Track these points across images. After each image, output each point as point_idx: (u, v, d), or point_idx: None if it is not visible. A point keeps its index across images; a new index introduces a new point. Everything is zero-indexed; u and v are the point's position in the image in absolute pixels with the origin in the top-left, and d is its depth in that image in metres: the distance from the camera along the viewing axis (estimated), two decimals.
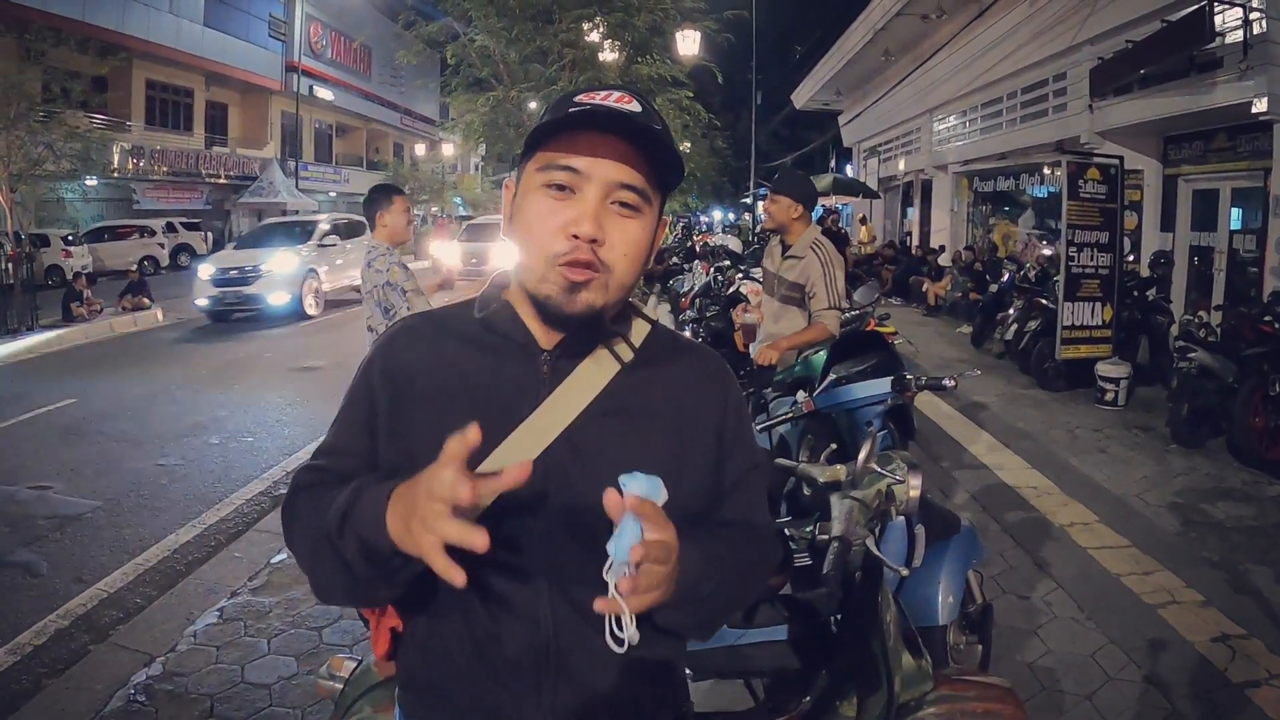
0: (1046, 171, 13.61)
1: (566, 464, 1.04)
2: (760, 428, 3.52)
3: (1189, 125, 9.73)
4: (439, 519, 0.83)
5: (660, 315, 11.50)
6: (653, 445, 1.09)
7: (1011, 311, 9.64)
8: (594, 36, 14.28)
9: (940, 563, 2.39)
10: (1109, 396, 7.53)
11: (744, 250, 14.20)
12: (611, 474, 1.00)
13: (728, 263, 9.96)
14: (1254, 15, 7.97)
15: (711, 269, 9.72)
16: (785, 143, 38.32)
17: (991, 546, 4.24)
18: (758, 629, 1.94)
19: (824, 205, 22.00)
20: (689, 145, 22.55)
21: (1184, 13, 8.61)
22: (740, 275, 8.20)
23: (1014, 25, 12.91)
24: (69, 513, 5.15)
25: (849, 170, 26.73)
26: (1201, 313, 7.85)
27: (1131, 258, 10.12)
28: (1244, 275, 9.27)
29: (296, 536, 1.08)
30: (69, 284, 15.01)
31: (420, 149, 42.46)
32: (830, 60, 21.85)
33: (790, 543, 2.06)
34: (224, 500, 5.37)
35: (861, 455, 1.84)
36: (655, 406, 1.11)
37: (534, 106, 14.80)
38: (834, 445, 2.31)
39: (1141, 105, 10.00)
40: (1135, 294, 8.91)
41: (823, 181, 18.69)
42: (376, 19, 32.39)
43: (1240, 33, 8.13)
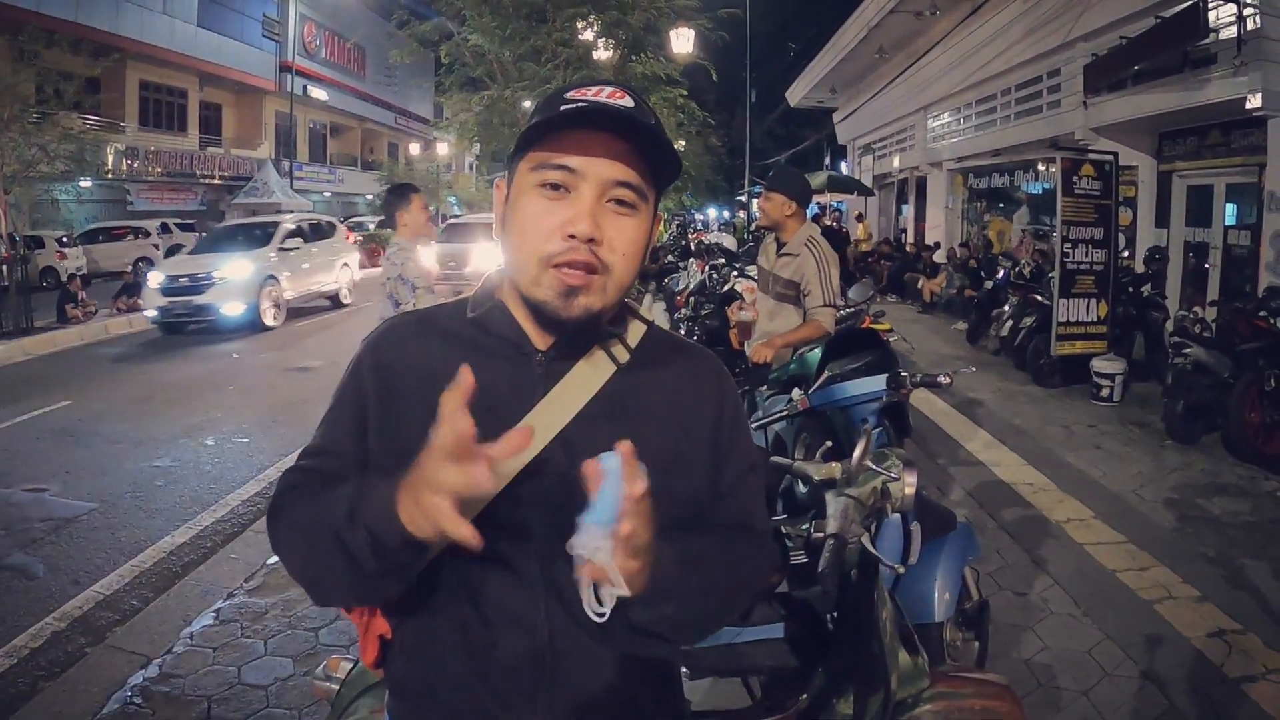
0: (1041, 168, 13.62)
1: (562, 467, 1.01)
2: (756, 425, 3.52)
3: (1183, 121, 9.75)
4: (443, 472, 0.81)
5: (655, 314, 11.50)
6: (649, 448, 1.04)
7: (1007, 308, 9.65)
8: (588, 35, 14.29)
9: (936, 560, 2.39)
10: (1104, 392, 7.55)
11: (739, 248, 14.21)
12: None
13: (723, 261, 9.94)
14: (1247, 11, 7.98)
15: (707, 267, 9.71)
16: (780, 140, 38.32)
17: (988, 543, 4.25)
18: (754, 627, 1.94)
19: (819, 203, 22.05)
20: (683, 143, 22.59)
21: (1177, 9, 8.62)
22: (735, 273, 8.20)
23: (1008, 22, 12.92)
24: (65, 515, 5.13)
25: (844, 168, 26.78)
26: (1196, 308, 7.85)
27: (1126, 254, 10.14)
28: (1239, 271, 9.29)
29: (287, 536, 1.05)
30: (64, 286, 15.02)
31: (415, 148, 42.39)
32: (824, 58, 21.84)
33: (786, 540, 2.06)
34: (220, 501, 5.36)
35: (856, 452, 1.85)
36: (652, 408, 1.10)
37: (528, 105, 14.78)
38: (829, 443, 2.31)
39: (1136, 101, 10.01)
40: (1130, 290, 8.93)
41: (817, 179, 18.73)
42: (370, 19, 32.39)
43: (1234, 28, 8.13)
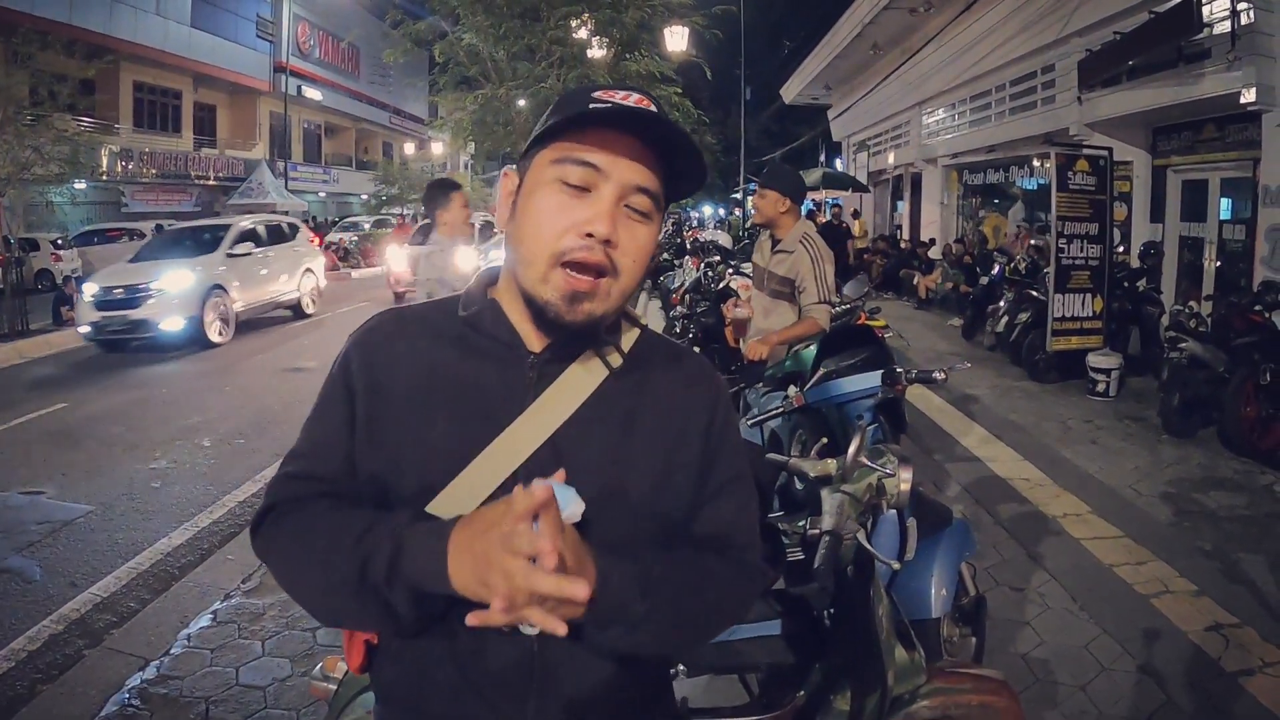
0: (1036, 164, 13.63)
1: (552, 471, 0.99)
2: (751, 422, 3.53)
3: (1178, 116, 9.76)
4: (528, 575, 0.84)
5: (651, 311, 11.50)
6: (639, 453, 1.06)
7: (1002, 304, 9.67)
8: (582, 34, 14.31)
9: (933, 556, 2.39)
10: (1100, 388, 7.56)
11: (734, 245, 14.21)
12: (598, 481, 0.99)
13: (718, 258, 9.94)
14: (1241, 6, 7.99)
15: (702, 264, 9.70)
16: (775, 138, 38.28)
17: (984, 539, 4.26)
18: (751, 624, 1.94)
19: (814, 200, 22.03)
20: None
21: (1171, 4, 8.62)
22: (730, 270, 8.20)
23: (1002, 18, 12.92)
24: (61, 517, 5.12)
25: (839, 164, 26.73)
26: (1192, 303, 7.88)
27: (1121, 249, 10.16)
28: (1233, 265, 9.32)
29: (293, 563, 1.04)
30: (59, 288, 15.00)
31: (409, 148, 42.38)
32: (819, 55, 21.84)
33: (783, 537, 2.06)
34: (216, 502, 5.35)
35: (851, 449, 1.85)
36: (643, 413, 1.08)
37: (522, 104, 14.79)
38: (825, 439, 2.31)
39: (1130, 96, 10.02)
40: (1125, 285, 8.96)
41: (812, 176, 18.71)
42: (364, 18, 32.36)
43: (1228, 23, 8.15)
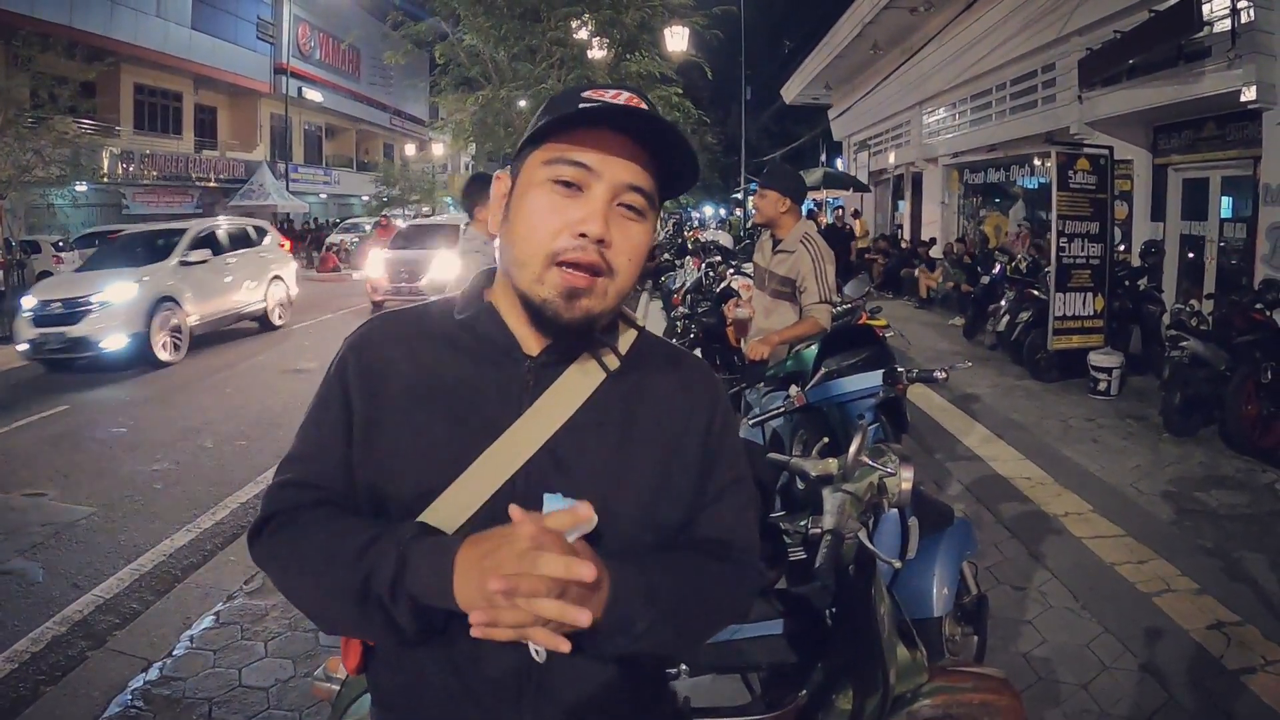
0: (1036, 163, 13.63)
1: (549, 476, 1.00)
2: (753, 422, 3.53)
3: (1178, 115, 9.75)
4: (542, 602, 0.84)
5: (652, 312, 11.51)
6: (638, 457, 1.06)
7: (1003, 303, 9.66)
8: (582, 34, 14.29)
9: (934, 555, 2.39)
10: (1101, 386, 7.56)
11: (735, 245, 14.22)
12: (595, 486, 0.99)
13: (719, 258, 9.96)
14: (1241, 4, 7.99)
15: (703, 264, 9.72)
16: (775, 138, 38.26)
17: (986, 538, 4.26)
18: (753, 624, 1.94)
19: (814, 199, 22.04)
20: None
21: (1172, 2, 8.62)
22: (731, 270, 8.21)
23: (1002, 17, 12.93)
24: (64, 519, 5.12)
25: (839, 164, 26.73)
26: (1193, 301, 7.87)
27: (1122, 248, 10.15)
28: (1235, 263, 9.31)
29: (293, 573, 1.04)
30: None
31: (410, 149, 42.42)
32: (819, 54, 21.83)
33: (784, 537, 2.06)
34: (219, 504, 5.35)
35: (852, 448, 1.85)
36: (641, 417, 1.08)
37: (523, 105, 14.78)
38: (826, 439, 2.31)
39: (1130, 95, 10.02)
40: (1126, 284, 8.95)
41: (813, 175, 18.71)
42: (364, 20, 32.37)
43: (1228, 21, 8.15)
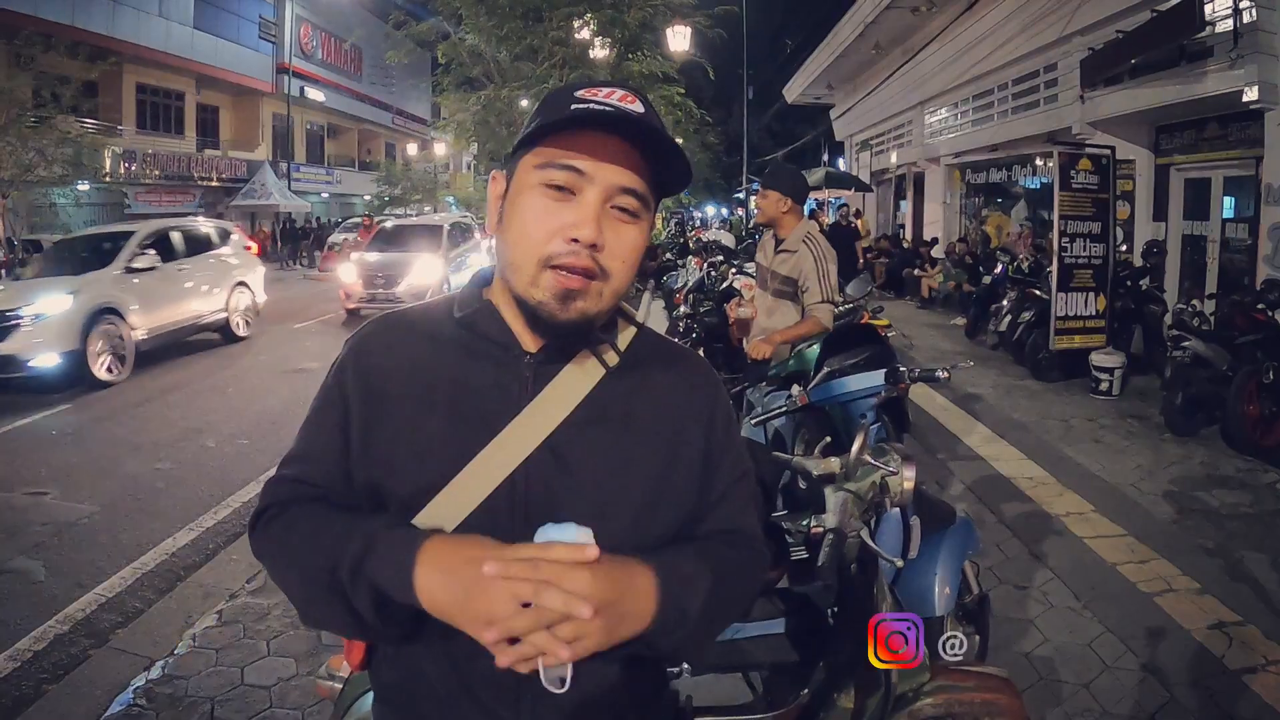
0: (1039, 163, 13.61)
1: (548, 473, 1.01)
2: (755, 421, 3.53)
3: (1180, 114, 9.74)
4: (514, 615, 0.86)
5: (654, 311, 11.51)
6: (638, 454, 1.06)
7: (1005, 303, 9.66)
8: (584, 34, 14.29)
9: (936, 554, 2.39)
10: (1103, 386, 7.56)
11: (737, 245, 14.22)
12: (595, 483, 0.99)
13: (721, 258, 9.96)
14: (1244, 4, 7.98)
15: (705, 264, 9.72)
16: (777, 137, 38.29)
17: (988, 537, 4.26)
18: (755, 623, 1.94)
19: (816, 199, 22.02)
20: (681, 141, 22.46)
21: (1174, 2, 8.61)
22: (734, 270, 8.21)
23: (1004, 17, 12.91)
24: (66, 518, 5.13)
25: (841, 164, 26.71)
26: (1195, 301, 7.87)
27: (1124, 247, 10.14)
28: (1236, 263, 9.30)
29: (280, 561, 1.05)
30: None
31: (412, 149, 42.44)
32: (821, 54, 21.81)
33: (786, 536, 2.06)
34: (221, 503, 5.36)
35: (855, 447, 1.85)
36: (641, 414, 1.08)
37: (525, 105, 14.79)
38: (828, 438, 2.32)
39: (1132, 95, 10.00)
40: (1128, 284, 8.94)
41: (815, 175, 18.71)
42: (366, 19, 32.36)
43: (1230, 21, 8.14)
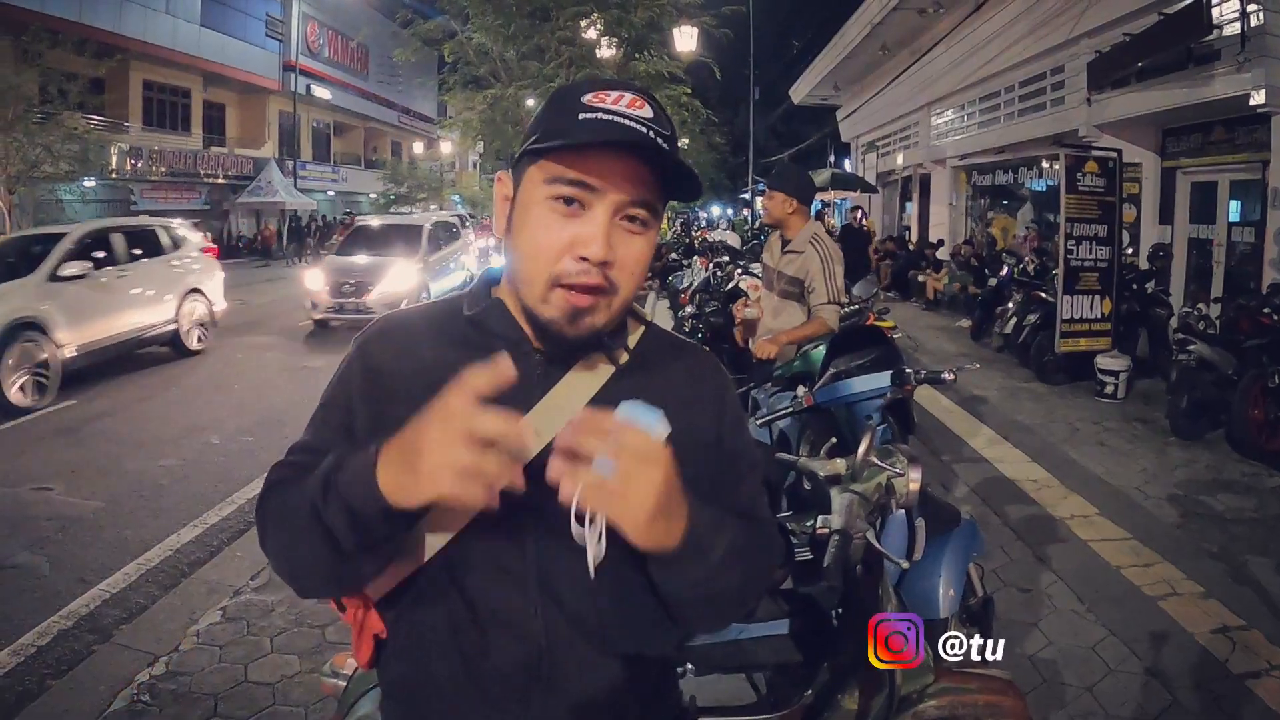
0: (1045, 165, 13.61)
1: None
2: (760, 422, 3.53)
3: (1187, 118, 9.72)
4: (469, 455, 0.81)
5: (659, 311, 11.51)
6: None
7: (1010, 305, 9.65)
8: (591, 33, 14.28)
9: (941, 556, 2.39)
10: (1108, 389, 7.54)
11: (742, 245, 14.22)
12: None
13: (727, 258, 9.96)
14: (1251, 7, 7.97)
15: (710, 264, 9.72)
16: (783, 138, 38.30)
17: (992, 540, 4.25)
18: (759, 623, 1.94)
19: (822, 200, 22.00)
20: (687, 141, 22.56)
21: (1181, 5, 8.60)
22: (739, 270, 8.21)
23: (1011, 19, 12.90)
24: (71, 514, 5.14)
25: (847, 165, 26.70)
26: (1200, 305, 7.86)
27: (1130, 251, 10.12)
28: (1243, 267, 9.28)
29: (272, 527, 1.04)
30: None
31: (418, 147, 42.41)
32: (827, 55, 21.81)
33: (791, 537, 2.06)
34: (225, 500, 5.37)
35: (861, 448, 1.85)
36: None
37: (531, 104, 14.79)
38: (834, 439, 2.32)
39: (1139, 98, 9.99)
40: (1134, 287, 8.92)
41: (821, 176, 18.68)
42: (373, 18, 32.39)
43: (1238, 25, 8.13)
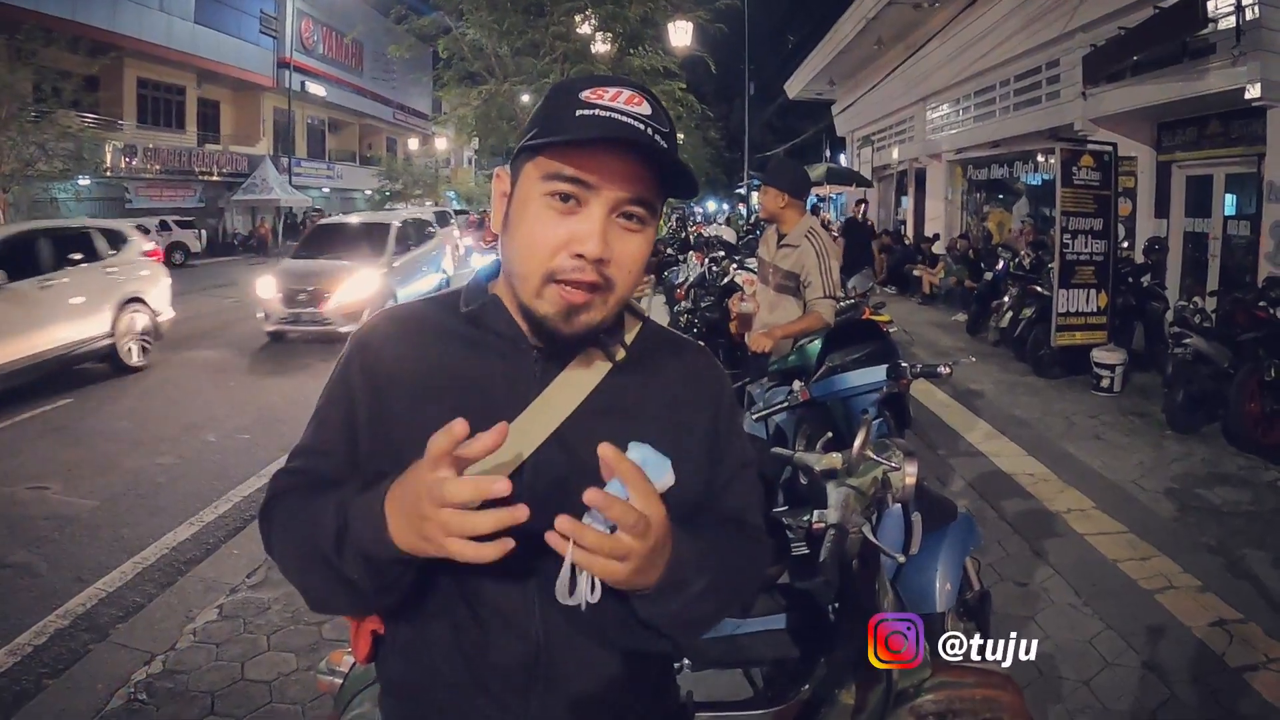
0: (1040, 159, 13.61)
1: (558, 465, 1.01)
2: (756, 417, 3.53)
3: (1182, 111, 9.72)
4: (456, 521, 0.83)
5: (655, 306, 11.50)
6: (646, 443, 1.05)
7: (1006, 299, 9.67)
8: (585, 29, 14.24)
9: (937, 550, 2.39)
10: (1105, 383, 7.55)
11: (738, 240, 14.22)
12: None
13: (722, 253, 9.95)
14: (1246, 1, 7.97)
15: (706, 259, 9.71)
16: (779, 133, 38.21)
17: (989, 534, 4.26)
18: (756, 618, 1.94)
19: (818, 195, 22.01)
20: (682, 136, 22.54)
21: None
22: (735, 265, 8.21)
23: (1006, 13, 12.88)
24: (67, 513, 5.13)
25: (843, 160, 26.70)
26: (1196, 298, 7.87)
27: (1126, 244, 10.13)
28: (1238, 261, 9.29)
29: (279, 549, 1.06)
30: None
31: (413, 143, 42.40)
32: (823, 50, 21.76)
33: (788, 532, 2.06)
34: (222, 497, 5.36)
35: (857, 443, 1.85)
36: (648, 405, 1.09)
37: (526, 100, 14.75)
38: (830, 434, 2.31)
39: (1135, 92, 9.98)
40: (1130, 280, 8.93)
41: (816, 171, 18.69)
42: (367, 14, 32.37)
43: (1233, 18, 8.12)
